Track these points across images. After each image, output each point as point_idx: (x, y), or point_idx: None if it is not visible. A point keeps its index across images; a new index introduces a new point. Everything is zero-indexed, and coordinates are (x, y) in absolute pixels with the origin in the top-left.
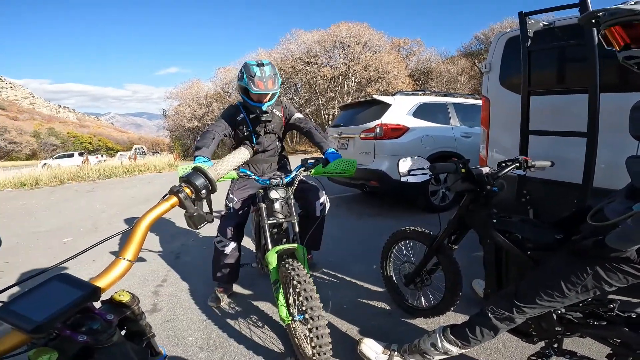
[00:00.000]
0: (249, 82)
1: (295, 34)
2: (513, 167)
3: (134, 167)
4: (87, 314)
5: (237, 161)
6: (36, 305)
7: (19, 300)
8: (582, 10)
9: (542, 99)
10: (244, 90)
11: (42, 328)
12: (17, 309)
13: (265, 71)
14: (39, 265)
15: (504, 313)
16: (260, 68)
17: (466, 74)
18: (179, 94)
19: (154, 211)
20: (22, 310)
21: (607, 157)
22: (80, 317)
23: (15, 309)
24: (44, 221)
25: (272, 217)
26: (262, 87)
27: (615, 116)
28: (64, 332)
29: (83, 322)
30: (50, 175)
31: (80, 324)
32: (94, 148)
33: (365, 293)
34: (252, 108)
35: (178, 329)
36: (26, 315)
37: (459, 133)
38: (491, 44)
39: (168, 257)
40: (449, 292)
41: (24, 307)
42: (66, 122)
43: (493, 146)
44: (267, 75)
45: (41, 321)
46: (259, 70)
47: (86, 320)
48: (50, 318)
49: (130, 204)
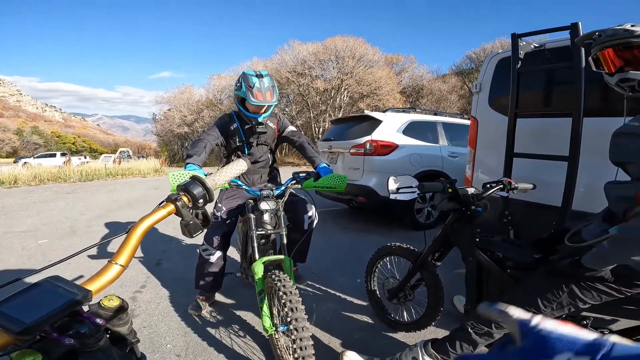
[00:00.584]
0: (248, 92)
1: (292, 45)
2: (497, 188)
3: (118, 170)
4: (75, 317)
5: (235, 172)
6: (26, 307)
7: (7, 301)
8: (572, 33)
9: (529, 121)
10: (240, 100)
11: (31, 330)
12: (5, 310)
13: (264, 82)
14: (11, 266)
15: (484, 328)
16: (259, 79)
17: (456, 92)
18: (170, 99)
19: (151, 217)
20: (11, 312)
21: (586, 180)
22: (68, 320)
23: (3, 310)
24: (20, 221)
25: (261, 228)
26: (261, 99)
27: (597, 141)
28: (51, 334)
29: (71, 325)
30: (30, 175)
31: (68, 327)
32: (77, 149)
33: (348, 306)
34: (247, 119)
35: (155, 335)
36: (15, 317)
37: (447, 152)
38: (482, 64)
39: (148, 263)
40: (431, 308)
41: (13, 308)
42: (51, 122)
43: (479, 166)
44: (265, 86)
45: (30, 323)
46: (258, 81)
47: (74, 324)
48: (40, 320)
49: (112, 208)
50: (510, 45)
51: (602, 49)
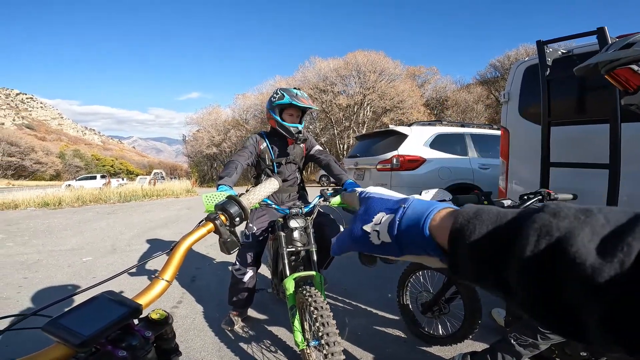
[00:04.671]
0: (294, 99)
1: (313, 62)
2: (535, 199)
3: (153, 191)
4: (126, 330)
5: (268, 191)
6: (83, 320)
7: (67, 314)
8: (600, 38)
9: (563, 129)
10: (280, 111)
11: (89, 342)
12: (65, 323)
13: (304, 93)
14: (57, 282)
15: (528, 340)
16: (298, 90)
17: (482, 102)
18: (198, 120)
19: (193, 235)
20: (70, 325)
21: (630, 188)
22: (120, 333)
23: (63, 322)
24: (65, 240)
25: (291, 245)
26: (307, 103)
27: (637, 147)
28: (106, 347)
29: (123, 337)
30: (73, 197)
31: (121, 340)
32: (115, 171)
33: (380, 320)
34: (286, 130)
35: (192, 350)
36: (74, 330)
37: (477, 164)
38: (509, 72)
39: (184, 280)
40: (468, 321)
41: (72, 321)
42: (91, 144)
43: (512, 178)
44: (305, 96)
45: (88, 336)
46: (299, 91)
47: (126, 336)
48: (97, 333)
49: (149, 227)
50: (536, 52)
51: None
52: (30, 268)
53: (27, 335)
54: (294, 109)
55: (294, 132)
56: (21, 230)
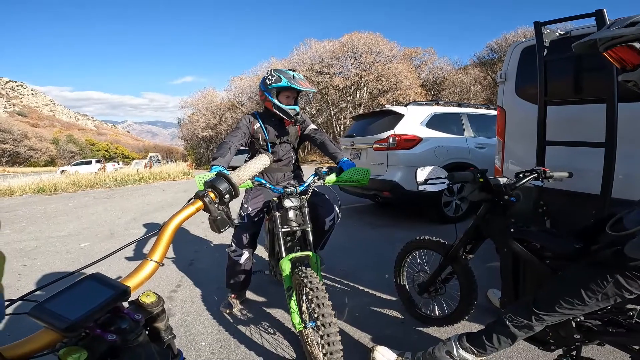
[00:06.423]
0: (291, 82)
1: (309, 44)
2: (531, 177)
3: (149, 174)
4: (116, 314)
5: (258, 167)
6: (70, 304)
7: (53, 298)
8: (598, 20)
9: (559, 108)
10: (277, 93)
11: (76, 326)
12: (51, 307)
13: (300, 75)
14: (56, 269)
15: (523, 321)
16: (294, 72)
17: (479, 83)
18: (193, 103)
19: (181, 214)
20: (57, 309)
21: (625, 167)
22: (109, 317)
23: (49, 307)
24: (62, 226)
25: (286, 225)
26: (304, 85)
27: (635, 126)
28: (95, 331)
29: (112, 321)
30: (69, 182)
31: (110, 323)
32: (110, 155)
33: (377, 301)
34: (284, 112)
35: (191, 333)
36: (60, 314)
37: (473, 144)
38: (506, 53)
39: (182, 264)
40: (464, 301)
41: (58, 305)
42: (85, 130)
43: (509, 157)
44: (302, 78)
45: (75, 320)
46: (295, 73)
47: (115, 320)
48: (84, 317)
49: (146, 210)
50: (534, 34)
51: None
52: (28, 255)
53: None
54: (290, 90)
55: (292, 115)
56: (18, 217)
